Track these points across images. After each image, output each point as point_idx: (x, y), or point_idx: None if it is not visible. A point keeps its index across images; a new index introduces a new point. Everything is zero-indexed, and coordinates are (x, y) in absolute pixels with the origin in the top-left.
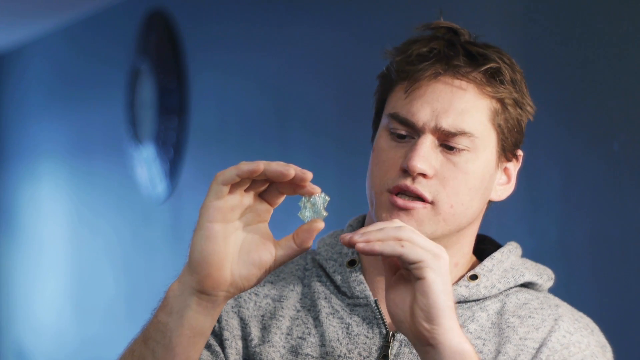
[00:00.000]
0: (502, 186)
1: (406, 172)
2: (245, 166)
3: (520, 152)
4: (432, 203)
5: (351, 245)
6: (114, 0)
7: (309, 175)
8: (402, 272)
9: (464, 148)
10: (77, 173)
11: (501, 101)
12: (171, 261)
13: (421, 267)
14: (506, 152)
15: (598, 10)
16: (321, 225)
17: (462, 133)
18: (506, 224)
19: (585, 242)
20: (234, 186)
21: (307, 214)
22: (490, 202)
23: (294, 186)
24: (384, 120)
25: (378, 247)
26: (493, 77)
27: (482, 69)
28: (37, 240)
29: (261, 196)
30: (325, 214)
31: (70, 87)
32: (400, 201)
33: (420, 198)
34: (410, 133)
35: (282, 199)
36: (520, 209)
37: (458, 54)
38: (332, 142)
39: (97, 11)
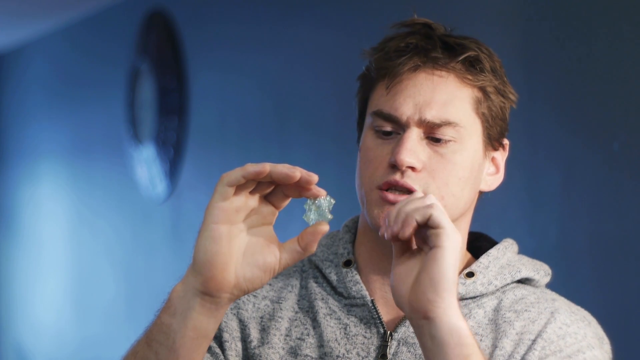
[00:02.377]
0: (491, 176)
1: (394, 167)
2: (251, 168)
3: (506, 141)
4: None
5: (393, 237)
6: (114, 0)
7: (315, 177)
8: (413, 251)
9: (450, 139)
10: (77, 173)
11: (483, 89)
12: (171, 261)
13: (440, 234)
14: (492, 141)
15: (598, 10)
16: (326, 228)
17: (447, 123)
18: (506, 224)
19: (585, 242)
20: (239, 188)
21: (312, 216)
22: (481, 193)
23: (300, 189)
24: (368, 120)
25: (412, 222)
26: (472, 66)
27: (461, 58)
28: (37, 240)
29: (266, 199)
30: (330, 216)
31: (71, 87)
32: (391, 196)
33: (411, 192)
34: (396, 129)
35: (287, 201)
36: (520, 209)
37: (435, 46)
38: (332, 142)
39: (97, 11)
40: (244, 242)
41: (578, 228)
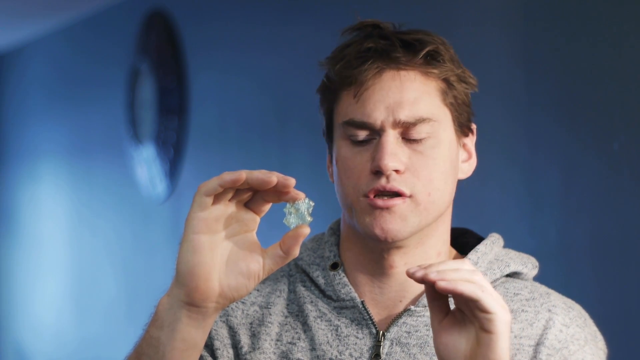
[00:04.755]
0: (465, 163)
1: (378, 173)
2: (228, 176)
3: (474, 126)
4: (410, 196)
5: (423, 281)
6: (114, 0)
7: (292, 181)
8: (457, 315)
9: (426, 135)
10: (77, 173)
11: (446, 80)
12: (171, 261)
13: (492, 319)
14: (462, 128)
15: (598, 10)
16: (307, 230)
17: (421, 120)
18: (506, 224)
19: (585, 242)
20: (217, 197)
21: (291, 220)
22: (458, 182)
23: (278, 193)
24: (339, 131)
25: (460, 286)
26: (434, 59)
27: (422, 54)
28: (37, 240)
29: (247, 205)
30: (309, 219)
31: (70, 87)
32: (380, 202)
33: (399, 194)
34: (370, 135)
35: (267, 207)
36: (520, 209)
37: (395, 46)
38: None
39: (97, 11)
40: (226, 250)
41: (578, 228)
